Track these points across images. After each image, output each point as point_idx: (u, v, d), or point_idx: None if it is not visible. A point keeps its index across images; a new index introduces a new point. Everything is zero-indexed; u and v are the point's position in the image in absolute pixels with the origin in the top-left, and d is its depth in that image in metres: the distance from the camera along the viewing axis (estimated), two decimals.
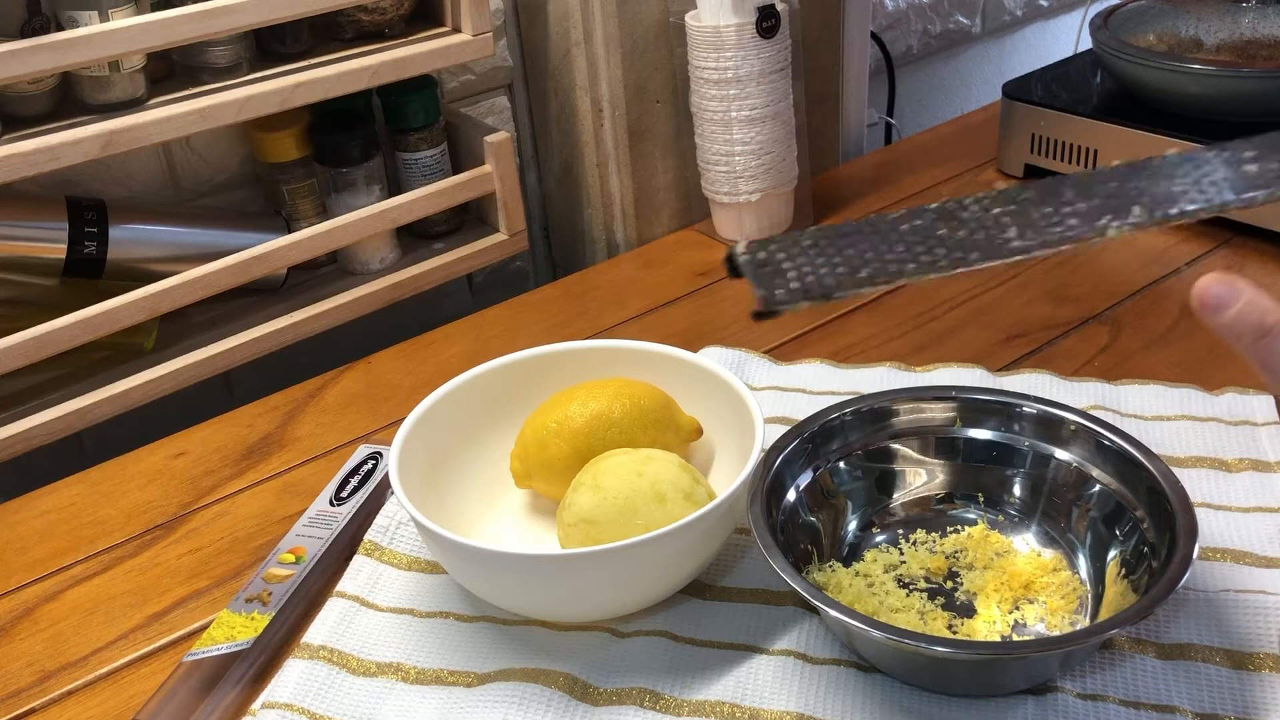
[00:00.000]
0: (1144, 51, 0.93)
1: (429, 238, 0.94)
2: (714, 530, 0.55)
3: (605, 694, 0.53)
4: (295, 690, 0.54)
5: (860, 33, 1.09)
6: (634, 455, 0.57)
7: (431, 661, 0.56)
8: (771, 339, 0.82)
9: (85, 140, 0.72)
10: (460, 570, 0.56)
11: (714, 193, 0.94)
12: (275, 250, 0.82)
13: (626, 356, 0.66)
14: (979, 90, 1.54)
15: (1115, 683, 0.51)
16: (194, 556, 0.66)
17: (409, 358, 0.85)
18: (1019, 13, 1.54)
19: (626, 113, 0.94)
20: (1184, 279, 0.84)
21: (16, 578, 0.66)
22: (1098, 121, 0.94)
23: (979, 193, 0.45)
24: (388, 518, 0.64)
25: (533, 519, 0.64)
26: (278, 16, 0.77)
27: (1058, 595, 0.55)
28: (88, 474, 0.74)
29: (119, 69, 0.74)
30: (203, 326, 0.85)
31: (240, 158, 0.90)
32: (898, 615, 0.54)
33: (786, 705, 0.51)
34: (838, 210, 1.00)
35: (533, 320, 0.88)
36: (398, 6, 0.85)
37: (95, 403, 0.77)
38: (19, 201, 0.78)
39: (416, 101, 0.89)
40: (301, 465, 0.73)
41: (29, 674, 0.59)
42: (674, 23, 0.91)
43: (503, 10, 0.98)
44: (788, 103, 0.92)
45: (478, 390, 0.65)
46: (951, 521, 0.61)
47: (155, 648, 0.60)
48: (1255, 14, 0.98)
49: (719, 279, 0.91)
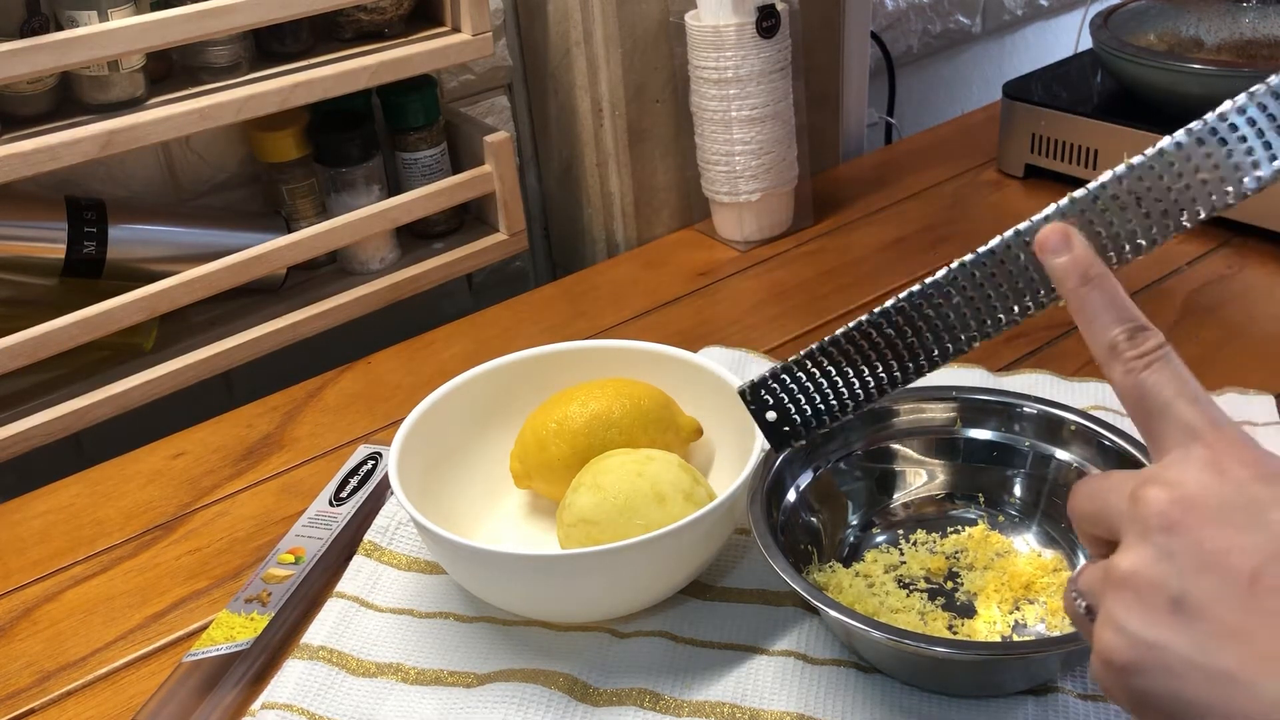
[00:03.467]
0: (1144, 51, 0.93)
1: (429, 238, 0.94)
2: (714, 530, 0.54)
3: (605, 694, 0.53)
4: (295, 690, 0.54)
5: (860, 32, 1.09)
6: (634, 455, 0.57)
7: (431, 662, 0.55)
8: (771, 339, 0.82)
9: (85, 140, 0.72)
10: (460, 570, 0.56)
11: (714, 192, 0.94)
12: (275, 250, 0.82)
13: (626, 356, 0.66)
14: (979, 90, 1.54)
15: None
16: (194, 557, 0.66)
17: (409, 358, 0.85)
18: (1019, 13, 1.54)
19: (626, 113, 0.94)
20: (1184, 279, 0.84)
21: (16, 578, 0.66)
22: (1098, 121, 0.94)
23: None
24: (387, 518, 0.64)
25: (533, 519, 0.64)
26: (277, 16, 0.77)
27: (1058, 595, 0.55)
28: (87, 474, 0.74)
29: (118, 69, 0.74)
30: (203, 326, 0.85)
31: (240, 157, 0.90)
32: (898, 616, 0.54)
33: (786, 705, 0.51)
34: (838, 210, 1.00)
35: (532, 320, 0.88)
36: (397, 6, 0.85)
37: (95, 403, 0.77)
38: (19, 201, 0.78)
39: (416, 101, 0.89)
40: (301, 465, 0.73)
41: (29, 674, 0.59)
42: (674, 22, 0.91)
43: (503, 10, 0.98)
44: (788, 102, 0.92)
45: (478, 390, 0.65)
46: (952, 522, 0.60)
47: (155, 648, 0.60)
48: (1255, 14, 0.98)
49: (719, 279, 0.91)
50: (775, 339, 0.82)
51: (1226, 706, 0.32)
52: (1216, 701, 0.32)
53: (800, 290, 0.88)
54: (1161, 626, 0.33)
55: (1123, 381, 0.38)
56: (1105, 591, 0.36)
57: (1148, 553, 0.34)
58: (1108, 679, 0.35)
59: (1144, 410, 0.38)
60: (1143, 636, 0.34)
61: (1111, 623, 0.35)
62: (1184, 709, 0.33)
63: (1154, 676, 0.33)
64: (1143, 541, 0.35)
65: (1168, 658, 0.33)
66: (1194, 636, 0.33)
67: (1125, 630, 0.34)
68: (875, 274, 0.89)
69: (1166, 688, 0.33)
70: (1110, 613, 0.35)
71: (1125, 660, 0.34)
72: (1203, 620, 0.33)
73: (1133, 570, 0.34)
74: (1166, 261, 0.85)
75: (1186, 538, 0.34)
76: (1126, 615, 0.34)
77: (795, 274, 0.91)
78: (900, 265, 0.90)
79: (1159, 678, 0.33)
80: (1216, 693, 0.32)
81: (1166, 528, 0.34)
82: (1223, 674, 0.32)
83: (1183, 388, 0.37)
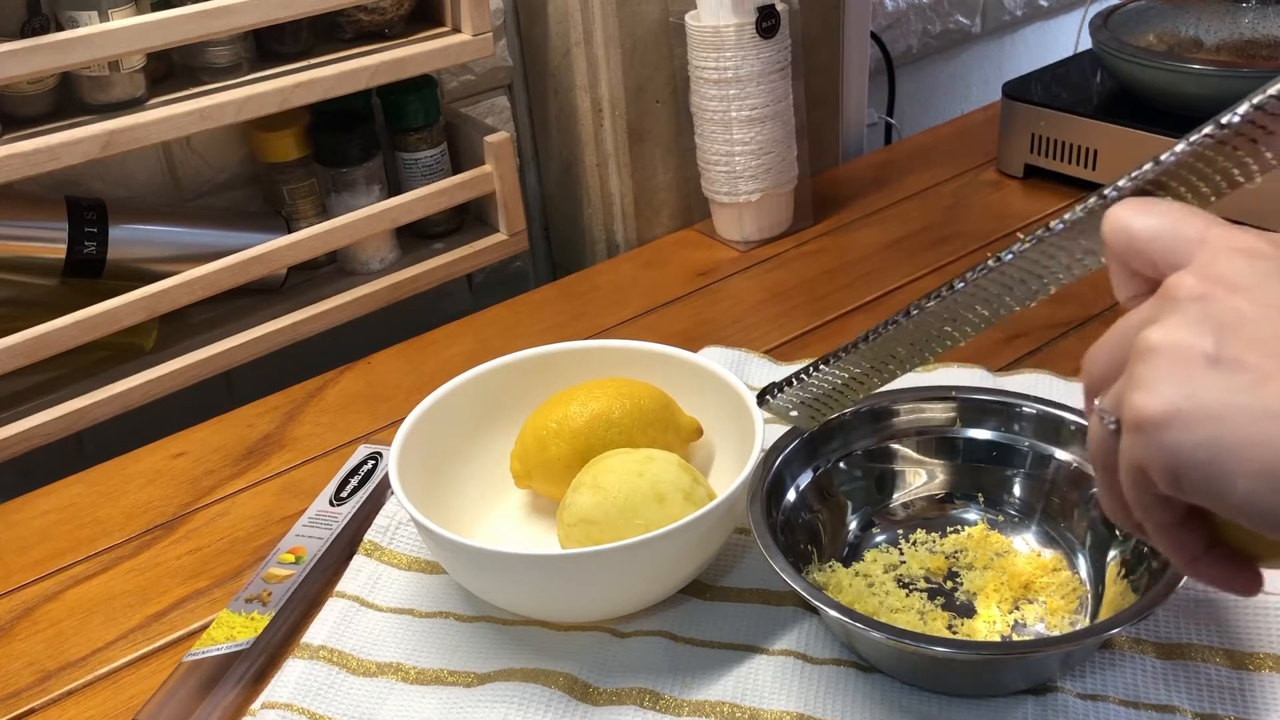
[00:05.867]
0: (1144, 51, 0.93)
1: (429, 238, 0.94)
2: (714, 530, 0.55)
3: (605, 694, 0.53)
4: (295, 690, 0.54)
5: (860, 33, 1.09)
6: (634, 455, 0.57)
7: (431, 661, 0.55)
8: (771, 339, 0.82)
9: (85, 140, 0.72)
10: (460, 570, 0.56)
11: (714, 193, 0.94)
12: (275, 250, 0.82)
13: (626, 356, 0.66)
14: (979, 90, 1.54)
15: (1115, 683, 0.51)
16: (194, 556, 0.66)
17: (409, 358, 0.85)
18: (1019, 13, 1.54)
19: (626, 113, 0.94)
20: None
21: (16, 578, 0.66)
22: (1098, 121, 0.94)
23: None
24: (388, 518, 0.64)
25: (533, 519, 0.64)
26: (277, 16, 0.77)
27: (1058, 595, 0.55)
28: (87, 474, 0.74)
29: (119, 69, 0.74)
30: (203, 326, 0.85)
31: (240, 158, 0.90)
32: (898, 615, 0.54)
33: (786, 705, 0.51)
34: (838, 210, 1.00)
35: (533, 320, 0.88)
36: (398, 6, 0.85)
37: (95, 403, 0.77)
38: (19, 201, 0.78)
39: (416, 101, 0.89)
40: (301, 465, 0.73)
41: (29, 674, 0.59)
42: (674, 23, 0.91)
43: (503, 10, 0.98)
44: (788, 103, 0.92)
45: (478, 390, 0.65)
46: (951, 521, 0.61)
47: (155, 648, 0.60)
48: (1255, 14, 0.98)
49: (719, 279, 0.91)
50: (775, 339, 0.82)
51: (1275, 439, 0.30)
52: (1263, 436, 0.30)
53: (800, 290, 0.88)
54: (1198, 381, 0.31)
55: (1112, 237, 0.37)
56: (1133, 364, 0.33)
57: (1179, 320, 0.33)
58: (1138, 444, 0.33)
59: (1147, 253, 0.36)
60: (1178, 387, 0.32)
61: (1142, 385, 0.33)
62: (1226, 455, 0.31)
63: (1193, 426, 0.31)
64: (1174, 314, 0.33)
65: (1206, 403, 0.31)
66: (1231, 381, 0.31)
67: (1158, 387, 0.32)
68: (875, 274, 0.89)
69: (1208, 434, 0.31)
70: (1139, 377, 0.33)
71: (1160, 414, 0.32)
72: (1244, 371, 0.31)
73: (1164, 337, 0.33)
74: None
75: (1221, 303, 0.32)
76: (1157, 376, 0.32)
77: (795, 274, 0.91)
78: (900, 265, 0.90)
79: (1199, 426, 0.31)
80: (1263, 428, 0.30)
81: (1199, 297, 0.33)
82: (1266, 410, 0.30)
83: (1173, 212, 0.36)
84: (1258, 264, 0.33)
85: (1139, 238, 0.36)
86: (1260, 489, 0.30)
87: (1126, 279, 0.38)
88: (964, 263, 0.89)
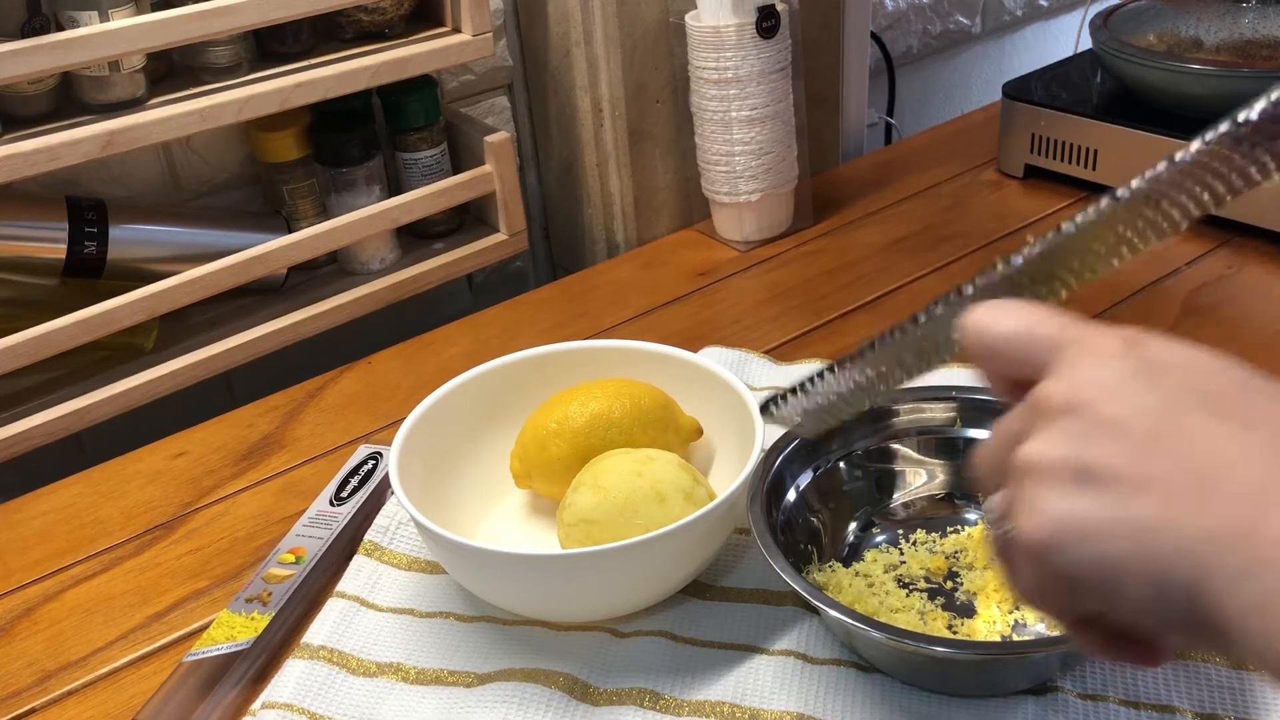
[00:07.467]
0: (1144, 51, 0.93)
1: (429, 238, 0.94)
2: (714, 530, 0.55)
3: (605, 694, 0.53)
4: (295, 690, 0.54)
5: (860, 33, 1.09)
6: (634, 455, 0.57)
7: (431, 661, 0.56)
8: (771, 339, 0.82)
9: (85, 140, 0.72)
10: (460, 570, 0.56)
11: (714, 193, 0.94)
12: (275, 250, 0.82)
13: (626, 356, 0.66)
14: (979, 90, 1.54)
15: (1115, 682, 0.51)
16: (194, 556, 0.66)
17: (409, 358, 0.85)
18: (1019, 13, 1.54)
19: (626, 113, 0.94)
20: (1184, 279, 0.84)
21: (16, 578, 0.66)
22: (1098, 121, 0.94)
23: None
24: (388, 518, 0.64)
25: (533, 519, 0.64)
26: (278, 16, 0.77)
27: None
28: (88, 474, 0.74)
29: (119, 69, 0.74)
30: (203, 326, 0.85)
31: (240, 158, 0.90)
32: (898, 615, 0.54)
33: (786, 705, 0.51)
34: (838, 210, 1.00)
35: (533, 320, 0.88)
36: (398, 6, 0.85)
37: (95, 403, 0.77)
38: (19, 201, 0.78)
39: (416, 101, 0.89)
40: (301, 465, 0.73)
41: (29, 674, 0.59)
42: (674, 23, 0.91)
43: (503, 10, 0.98)
44: (788, 103, 0.92)
45: (478, 390, 0.65)
46: (951, 521, 0.61)
47: (155, 648, 0.60)
48: (1255, 14, 0.98)
49: (719, 279, 0.91)
50: (775, 339, 0.82)
51: (1156, 551, 0.31)
52: (1144, 550, 0.31)
53: (800, 290, 0.88)
54: (1074, 496, 0.32)
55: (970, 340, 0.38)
56: (1015, 482, 0.35)
57: (1052, 436, 0.34)
58: (1037, 571, 0.34)
59: (1005, 356, 0.37)
60: (1058, 508, 0.33)
61: (1026, 509, 0.34)
62: (1114, 569, 0.32)
63: (1078, 545, 0.32)
64: (1046, 429, 0.34)
65: (1085, 523, 0.32)
66: (1107, 497, 0.32)
67: (1039, 509, 0.33)
68: (875, 274, 0.89)
69: (1093, 552, 0.32)
70: (1021, 499, 0.34)
71: (1045, 536, 0.33)
72: (1113, 481, 0.32)
73: (1038, 453, 0.34)
74: (1166, 262, 0.86)
75: (1086, 413, 0.33)
76: (1037, 496, 0.33)
77: (795, 274, 0.91)
78: (900, 265, 0.90)
79: (1083, 545, 0.32)
80: (1143, 541, 0.31)
81: (1066, 409, 0.34)
82: (1143, 523, 0.31)
83: (1027, 315, 0.37)
84: (1117, 365, 0.34)
85: (995, 343, 0.37)
86: (1150, 596, 0.31)
87: (995, 380, 0.39)
88: (964, 263, 0.89)
